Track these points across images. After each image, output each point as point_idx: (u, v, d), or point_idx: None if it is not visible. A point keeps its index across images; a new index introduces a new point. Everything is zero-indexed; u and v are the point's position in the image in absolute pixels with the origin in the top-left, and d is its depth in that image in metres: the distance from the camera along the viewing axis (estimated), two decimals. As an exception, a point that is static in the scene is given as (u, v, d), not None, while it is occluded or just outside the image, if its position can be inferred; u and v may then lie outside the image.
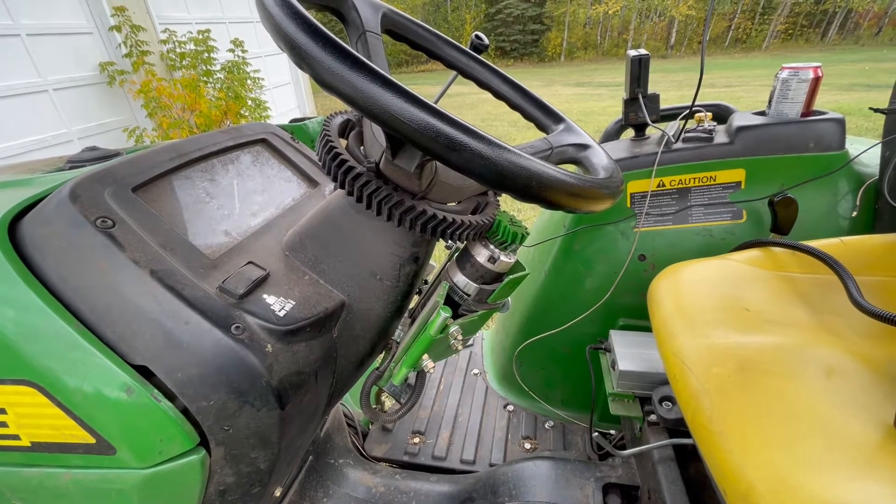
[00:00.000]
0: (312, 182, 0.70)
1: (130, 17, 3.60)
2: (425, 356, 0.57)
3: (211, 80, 4.07)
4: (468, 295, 0.55)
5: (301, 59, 0.31)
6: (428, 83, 14.79)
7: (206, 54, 4.02)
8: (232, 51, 4.20)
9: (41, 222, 0.41)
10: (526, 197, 0.35)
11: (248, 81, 4.31)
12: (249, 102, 4.33)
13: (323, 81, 0.31)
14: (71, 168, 0.57)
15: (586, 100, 8.79)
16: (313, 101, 7.01)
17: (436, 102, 0.54)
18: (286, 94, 6.41)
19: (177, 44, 3.94)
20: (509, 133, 5.90)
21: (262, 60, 5.14)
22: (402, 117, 0.30)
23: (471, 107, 8.21)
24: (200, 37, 3.98)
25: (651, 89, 0.95)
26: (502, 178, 0.32)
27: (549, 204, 0.37)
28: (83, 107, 3.60)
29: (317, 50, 0.30)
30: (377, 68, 0.30)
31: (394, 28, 0.56)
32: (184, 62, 3.97)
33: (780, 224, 0.84)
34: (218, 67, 4.12)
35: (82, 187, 0.43)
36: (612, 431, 1.03)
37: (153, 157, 0.52)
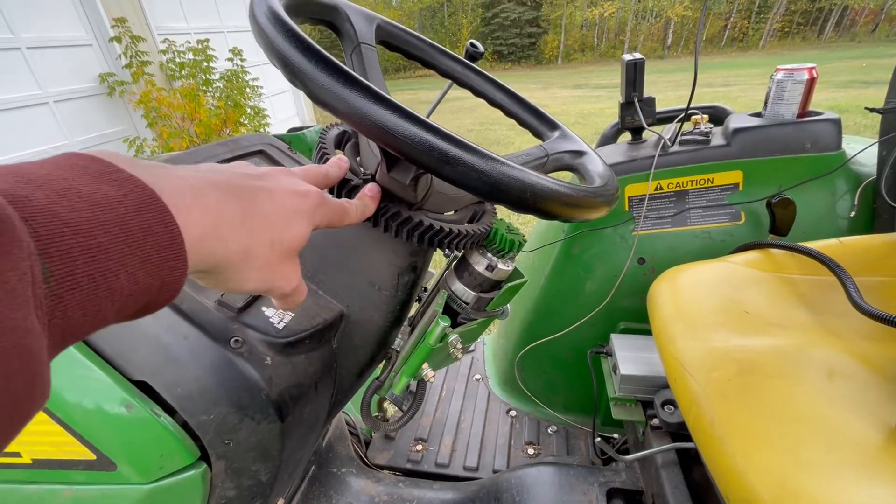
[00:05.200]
0: None
1: (130, 28, 3.63)
2: (425, 365, 0.57)
3: (210, 89, 4.10)
4: (467, 303, 0.55)
5: (294, 76, 0.31)
6: (425, 88, 14.85)
7: (205, 63, 4.04)
8: (230, 59, 4.23)
9: None
10: (521, 208, 0.35)
11: (247, 90, 4.33)
12: (248, 111, 4.36)
13: (316, 98, 0.31)
14: None
15: (584, 102, 8.81)
16: (312, 109, 7.04)
17: (430, 114, 0.54)
18: (285, 101, 6.43)
19: (176, 54, 3.97)
20: (508, 136, 5.91)
21: (261, 69, 5.16)
22: (396, 133, 0.30)
23: (469, 111, 8.23)
24: (199, 46, 4.00)
25: (648, 90, 0.95)
26: (497, 191, 0.33)
27: (545, 214, 0.37)
28: (84, 118, 3.62)
29: (309, 67, 0.30)
30: (370, 84, 0.31)
31: (388, 39, 0.56)
32: (183, 72, 4.00)
33: (778, 225, 0.84)
34: (217, 76, 4.15)
35: None
36: (615, 436, 1.03)
37: None
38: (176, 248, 0.20)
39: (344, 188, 0.42)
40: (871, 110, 0.83)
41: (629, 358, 0.78)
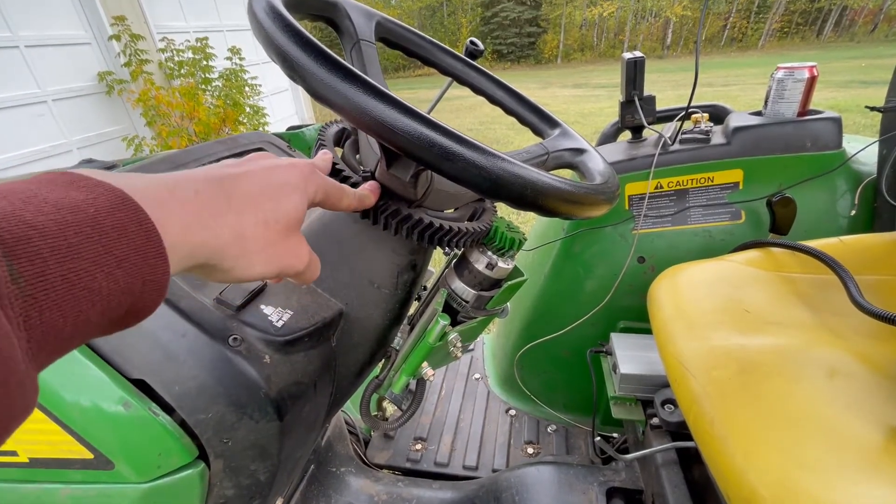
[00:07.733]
0: None
1: (129, 26, 3.62)
2: (425, 364, 0.57)
3: (209, 87, 4.09)
4: (466, 301, 0.54)
5: (293, 71, 0.31)
6: (425, 87, 14.84)
7: (204, 62, 4.03)
8: (229, 58, 4.22)
9: None
10: (521, 205, 0.35)
11: (246, 88, 4.32)
12: (248, 109, 4.34)
13: (315, 93, 0.31)
14: None
15: (584, 101, 8.81)
16: (311, 108, 7.03)
17: (430, 111, 0.54)
18: (284, 100, 6.42)
19: (175, 52, 3.96)
20: (507, 136, 5.90)
21: (260, 67, 5.15)
22: (395, 129, 0.30)
23: (469, 109, 8.22)
24: (198, 45, 3.99)
25: (648, 90, 0.95)
26: (497, 187, 0.32)
27: (545, 211, 0.37)
28: (82, 117, 3.61)
29: (308, 62, 0.30)
30: (369, 79, 0.30)
31: (388, 36, 0.56)
32: (182, 70, 3.99)
33: (778, 224, 0.84)
34: (216, 75, 4.14)
35: None
36: (615, 435, 1.03)
37: (149, 169, 0.52)
38: (154, 245, 0.19)
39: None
40: (872, 109, 0.83)
41: (629, 357, 0.78)
